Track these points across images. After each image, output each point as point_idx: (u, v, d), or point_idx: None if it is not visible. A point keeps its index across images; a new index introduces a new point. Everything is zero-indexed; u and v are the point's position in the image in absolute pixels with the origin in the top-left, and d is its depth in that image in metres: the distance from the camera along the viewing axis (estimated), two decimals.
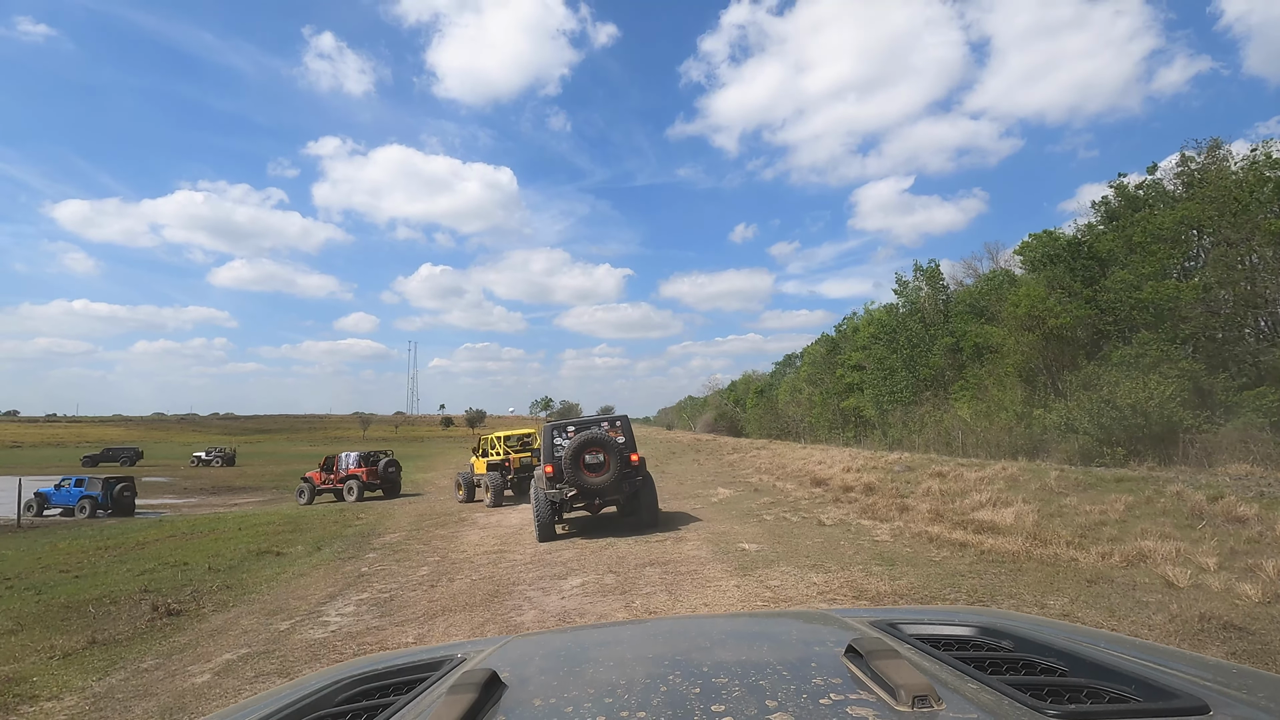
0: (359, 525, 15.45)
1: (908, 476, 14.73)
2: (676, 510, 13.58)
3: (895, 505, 10.56)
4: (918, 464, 16.94)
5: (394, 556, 10.77)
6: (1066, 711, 0.79)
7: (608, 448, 10.96)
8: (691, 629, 1.37)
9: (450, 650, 1.38)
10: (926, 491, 11.82)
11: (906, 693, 0.79)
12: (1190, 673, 0.97)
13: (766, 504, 13.13)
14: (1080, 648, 1.08)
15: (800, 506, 12.40)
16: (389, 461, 24.18)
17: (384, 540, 12.74)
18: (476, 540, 11.78)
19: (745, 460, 24.66)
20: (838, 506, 11.69)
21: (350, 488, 23.16)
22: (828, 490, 14.12)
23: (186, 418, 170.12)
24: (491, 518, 15.15)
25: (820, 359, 58.43)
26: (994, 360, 33.27)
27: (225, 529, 16.59)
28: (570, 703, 0.90)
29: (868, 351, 48.55)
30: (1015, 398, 29.00)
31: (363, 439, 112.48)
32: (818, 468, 18.03)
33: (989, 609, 1.95)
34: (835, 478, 15.52)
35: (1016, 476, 12.82)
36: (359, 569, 9.87)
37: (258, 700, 1.22)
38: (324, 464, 24.59)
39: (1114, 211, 34.19)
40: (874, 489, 13.19)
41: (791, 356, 79.45)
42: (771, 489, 15.60)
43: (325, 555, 11.45)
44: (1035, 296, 30.28)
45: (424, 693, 1.07)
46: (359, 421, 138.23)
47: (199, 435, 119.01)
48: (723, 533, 10.24)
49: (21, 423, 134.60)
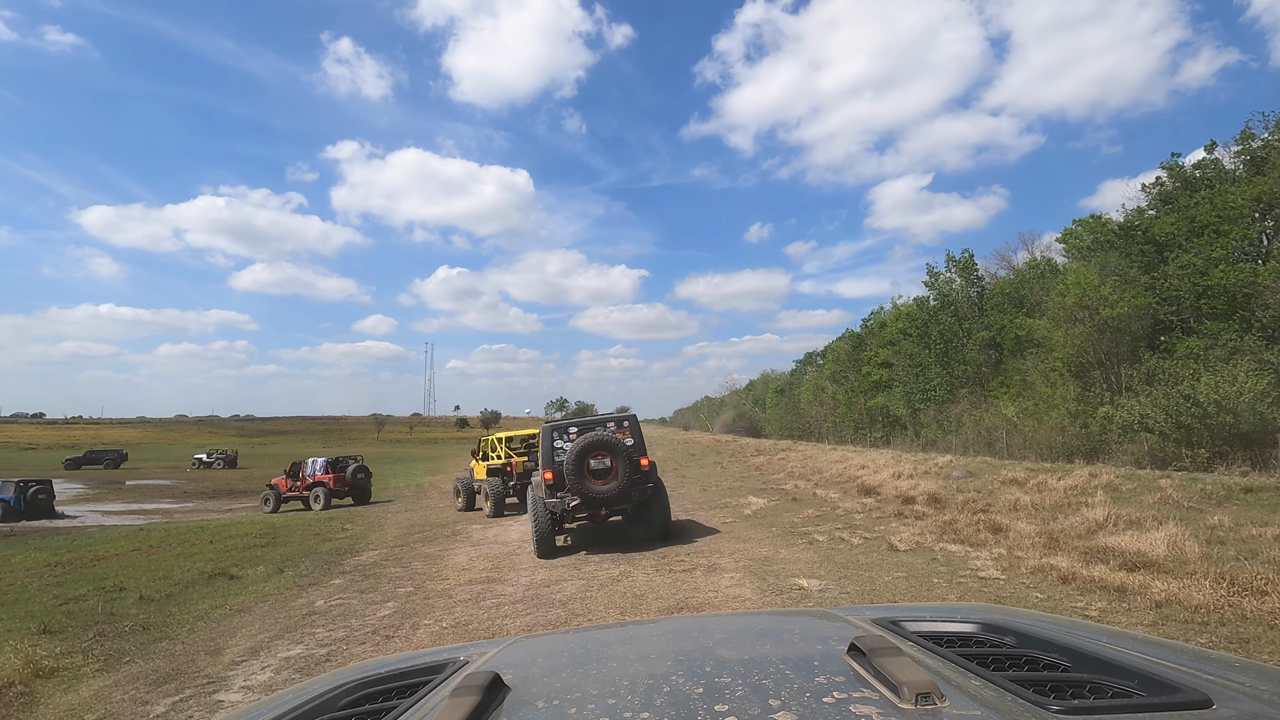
0: (340, 539, 13.59)
1: (975, 485, 12.53)
2: (704, 524, 11.51)
3: (983, 524, 8.40)
4: (979, 469, 14.70)
5: (361, 585, 8.84)
6: (1069, 707, 0.78)
7: (615, 451, 9.49)
8: (694, 629, 1.36)
9: (453, 653, 1.38)
10: (1013, 505, 9.63)
11: (910, 690, 0.78)
12: (1193, 666, 0.96)
13: (812, 518, 11.02)
14: (1082, 643, 1.07)
15: (855, 522, 10.28)
16: (358, 468, 22.90)
17: (358, 560, 10.82)
18: (464, 563, 9.82)
19: (773, 463, 22.49)
20: (904, 524, 9.55)
21: (317, 495, 22.04)
22: (882, 501, 11.97)
23: (207, 419, 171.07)
24: (489, 530, 13.20)
25: (844, 356, 56.00)
26: (1039, 355, 30.74)
27: (197, 541, 14.85)
28: (573, 704, 0.89)
29: (896, 347, 46.13)
30: (1068, 394, 26.49)
31: (377, 440, 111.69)
32: (861, 473, 15.85)
33: (990, 605, 1.58)
34: (886, 485, 13.36)
35: (1115, 485, 10.59)
36: (312, 603, 7.93)
37: (260, 706, 1.19)
38: (289, 470, 23.34)
39: (1168, 194, 31.59)
40: (941, 501, 11.02)
41: (813, 354, 77.06)
42: (812, 498, 13.47)
43: (284, 580, 9.55)
44: (1087, 285, 27.75)
45: (427, 696, 1.06)
46: (374, 423, 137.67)
47: (215, 437, 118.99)
48: (766, 559, 8.16)
49: (42, 425, 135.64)
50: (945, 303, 41.87)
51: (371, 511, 19.26)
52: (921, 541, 8.03)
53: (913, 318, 44.48)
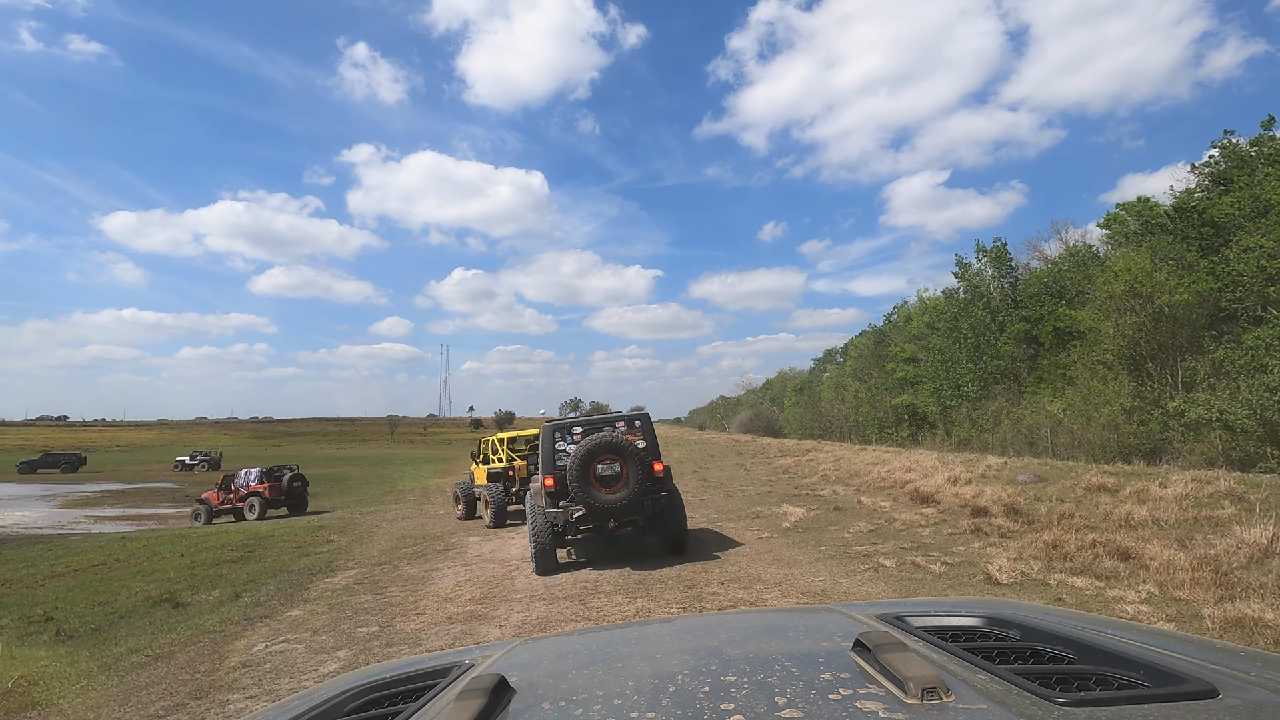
0: (321, 553, 12.03)
1: (1052, 492, 10.67)
2: (734, 539, 9.77)
3: (1100, 547, 6.57)
4: (1046, 473, 12.81)
5: (320, 619, 7.21)
6: (1075, 699, 0.78)
7: (625, 455, 8.14)
8: (699, 628, 1.35)
9: (458, 656, 1.38)
10: (1123, 520, 7.77)
11: (915, 685, 0.78)
12: (1199, 657, 0.95)
13: (867, 534, 9.23)
14: (1088, 635, 1.06)
15: (923, 540, 8.47)
16: (294, 476, 22.64)
17: (330, 583, 9.22)
18: (449, 589, 8.17)
19: (802, 465, 20.65)
20: (989, 543, 7.73)
21: (252, 505, 21.77)
22: (945, 512, 10.15)
23: (226, 421, 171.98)
24: (487, 544, 11.55)
25: (867, 352, 53.88)
26: (1084, 347, 28.57)
27: (169, 554, 13.39)
28: (580, 705, 0.89)
29: (923, 342, 44.04)
30: (1122, 389, 24.34)
31: (390, 440, 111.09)
32: (908, 476, 14.01)
33: (995, 599, 1.54)
34: (944, 492, 11.53)
35: (1239, 494, 8.70)
36: (251, 647, 6.31)
37: (266, 712, 1.20)
38: (221, 484, 22.93)
39: (1221, 175, 29.29)
40: (1021, 513, 9.17)
41: (832, 352, 74.96)
42: (858, 507, 11.67)
43: (234, 610, 7.96)
44: (1138, 271, 25.58)
45: (433, 699, 1.06)
46: (387, 424, 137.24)
47: (229, 438, 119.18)
48: (824, 592, 6.40)
49: (60, 427, 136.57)
50: (976, 294, 39.76)
51: (367, 518, 17.73)
52: (1027, 571, 6.21)
53: (940, 311, 42.43)
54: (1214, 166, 29.69)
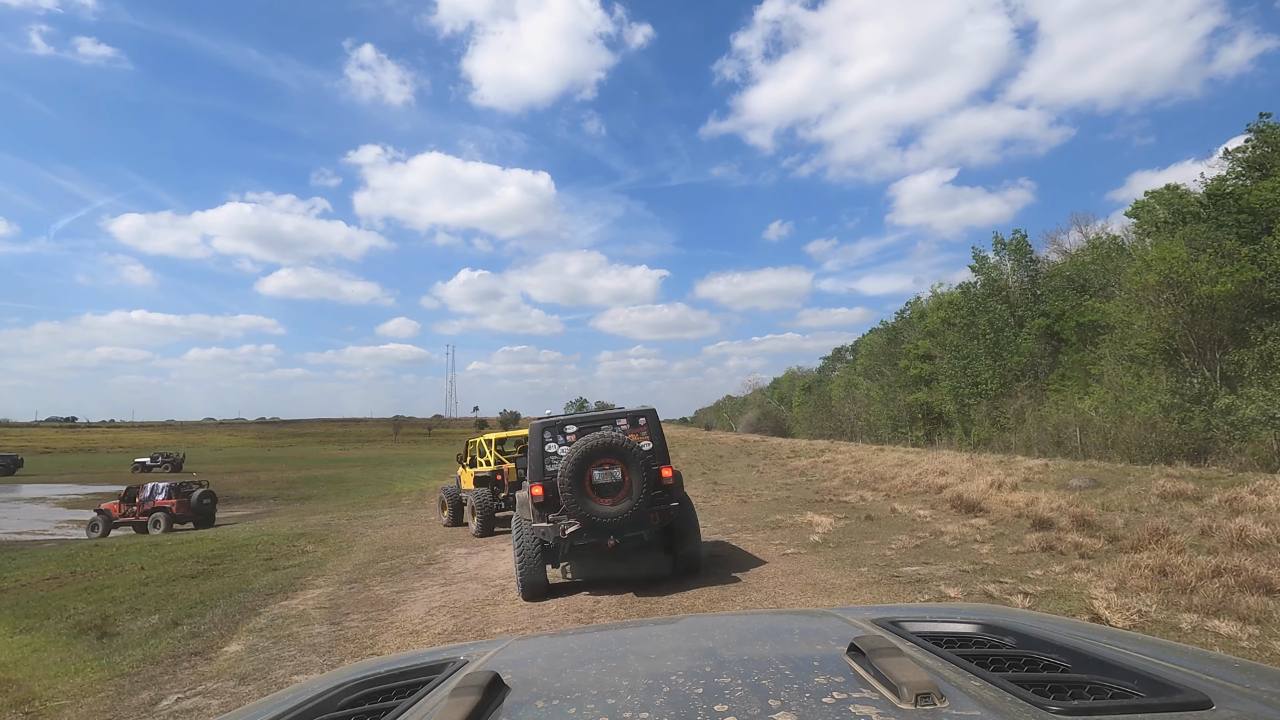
0: (290, 567, 10.79)
1: (1120, 500, 9.29)
2: (756, 555, 8.44)
3: (1233, 577, 5.20)
4: (1101, 476, 11.41)
5: (257, 658, 5.94)
6: (1069, 707, 0.77)
7: (627, 458, 6.80)
8: (694, 629, 1.33)
9: (452, 653, 1.36)
10: (1237, 537, 6.39)
11: (909, 690, 0.77)
12: (1193, 667, 0.94)
13: (912, 550, 7.88)
14: (1082, 644, 1.04)
15: (984, 560, 7.11)
16: (204, 493, 22.18)
17: (287, 607, 7.95)
18: (419, 618, 6.88)
19: (818, 467, 19.28)
20: (1066, 564, 6.37)
21: (156, 520, 21.10)
22: (998, 524, 8.78)
23: (233, 423, 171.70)
24: (473, 558, 10.27)
25: (879, 350, 52.36)
26: (1113, 342, 27.07)
27: (129, 567, 12.18)
28: (573, 703, 0.89)
29: (938, 339, 42.55)
30: (1160, 385, 22.86)
31: (394, 441, 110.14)
32: (941, 480, 12.64)
33: (990, 606, 1.55)
34: (990, 499, 10.17)
35: None
36: (154, 703, 5.04)
37: (259, 705, 1.19)
38: (125, 495, 22.22)
39: (1257, 160, 27.76)
40: (1094, 525, 7.79)
41: (841, 350, 73.39)
42: (892, 516, 10.31)
43: (163, 644, 6.71)
44: (1174, 260, 24.08)
45: (426, 695, 1.05)
46: (392, 424, 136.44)
47: (234, 439, 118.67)
48: None
49: (64, 429, 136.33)
50: (994, 289, 38.28)
51: (353, 524, 16.48)
52: (1145, 610, 4.83)
53: (956, 306, 40.97)
54: (1250, 151, 28.20)
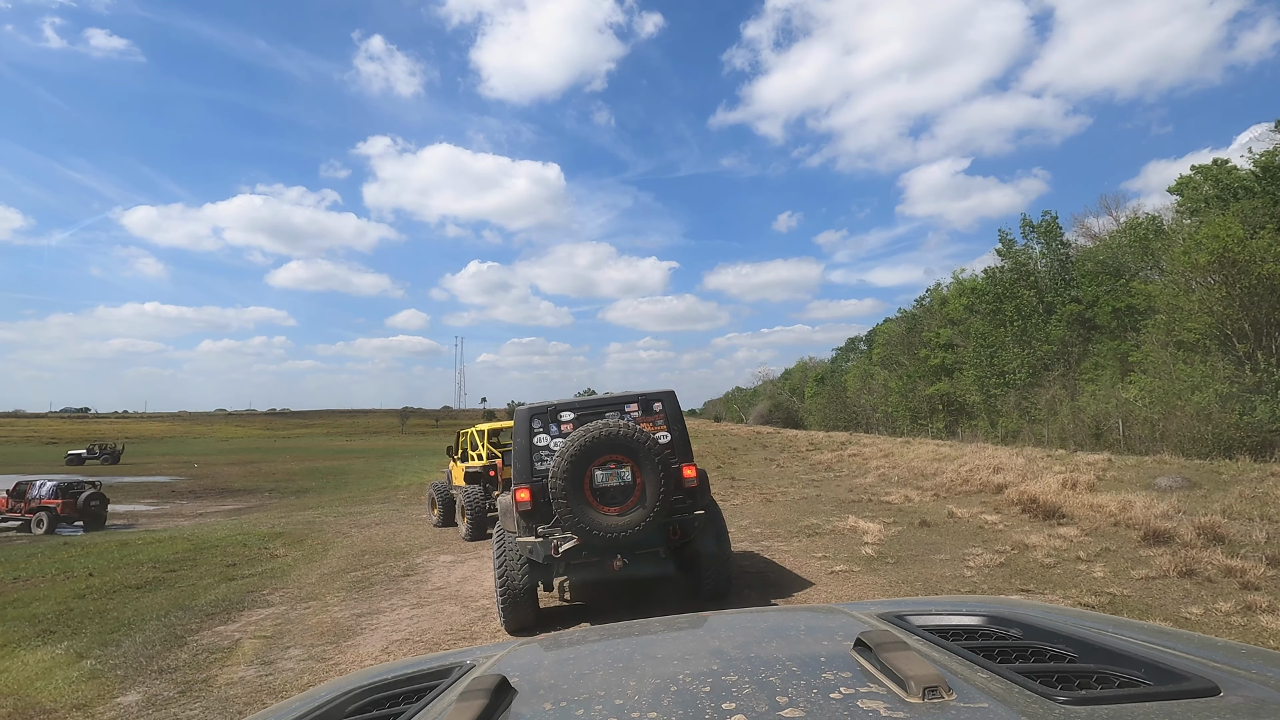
0: (253, 575, 9.43)
1: (1243, 507, 7.68)
2: (796, 574, 6.92)
3: None
4: (1199, 476, 9.79)
5: (156, 714, 4.47)
6: (1077, 697, 0.77)
7: (639, 454, 5.22)
8: (700, 628, 1.33)
9: (459, 657, 1.36)
10: None
11: (917, 684, 0.77)
12: (1200, 655, 0.94)
13: (997, 569, 6.32)
14: (1089, 633, 1.05)
15: (1102, 587, 5.54)
16: (92, 495, 21.04)
17: (221, 634, 6.52)
18: (373, 655, 5.43)
19: (845, 461, 17.69)
20: (1233, 601, 4.83)
21: (40, 519, 20.19)
22: (1090, 533, 7.21)
23: (244, 414, 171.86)
24: (457, 568, 8.82)
25: (897, 339, 50.45)
26: (1157, 327, 25.25)
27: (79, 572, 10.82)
28: (581, 705, 0.89)
29: (961, 327, 40.69)
30: (1215, 372, 21.10)
31: (401, 432, 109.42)
32: (997, 477, 11.04)
33: (996, 597, 1.55)
34: (1070, 503, 8.59)
35: None
36: None
37: (267, 714, 1.18)
38: (13, 491, 21.25)
39: None
40: (1232, 540, 6.22)
41: (855, 340, 71.50)
42: (950, 521, 8.75)
43: (38, 692, 5.25)
44: (1229, 238, 22.22)
45: (434, 700, 1.05)
46: (399, 415, 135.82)
47: (242, 429, 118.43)
48: None
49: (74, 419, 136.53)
50: (1022, 273, 36.39)
51: (339, 522, 15.13)
52: None
53: (981, 293, 39.06)
54: None
